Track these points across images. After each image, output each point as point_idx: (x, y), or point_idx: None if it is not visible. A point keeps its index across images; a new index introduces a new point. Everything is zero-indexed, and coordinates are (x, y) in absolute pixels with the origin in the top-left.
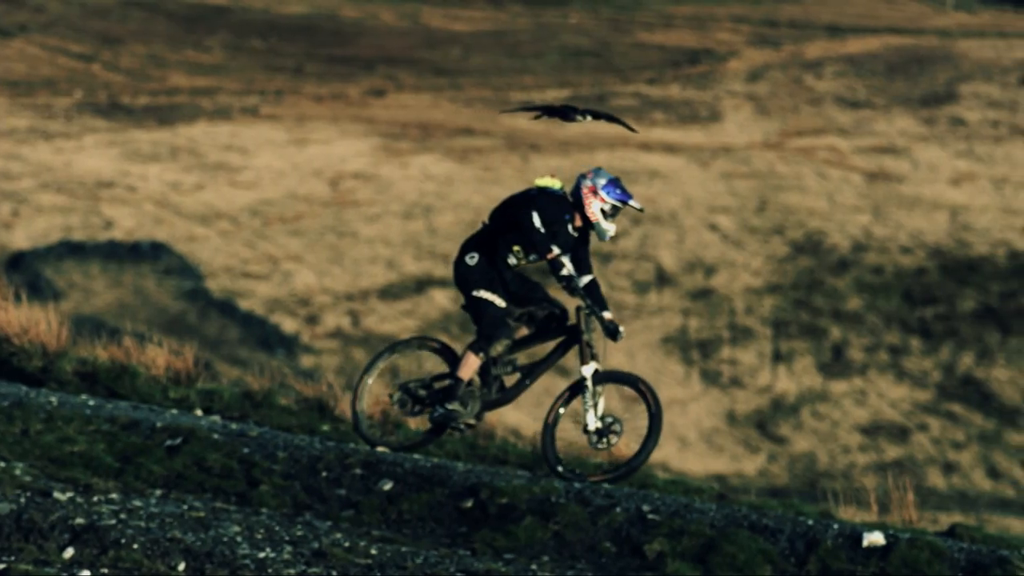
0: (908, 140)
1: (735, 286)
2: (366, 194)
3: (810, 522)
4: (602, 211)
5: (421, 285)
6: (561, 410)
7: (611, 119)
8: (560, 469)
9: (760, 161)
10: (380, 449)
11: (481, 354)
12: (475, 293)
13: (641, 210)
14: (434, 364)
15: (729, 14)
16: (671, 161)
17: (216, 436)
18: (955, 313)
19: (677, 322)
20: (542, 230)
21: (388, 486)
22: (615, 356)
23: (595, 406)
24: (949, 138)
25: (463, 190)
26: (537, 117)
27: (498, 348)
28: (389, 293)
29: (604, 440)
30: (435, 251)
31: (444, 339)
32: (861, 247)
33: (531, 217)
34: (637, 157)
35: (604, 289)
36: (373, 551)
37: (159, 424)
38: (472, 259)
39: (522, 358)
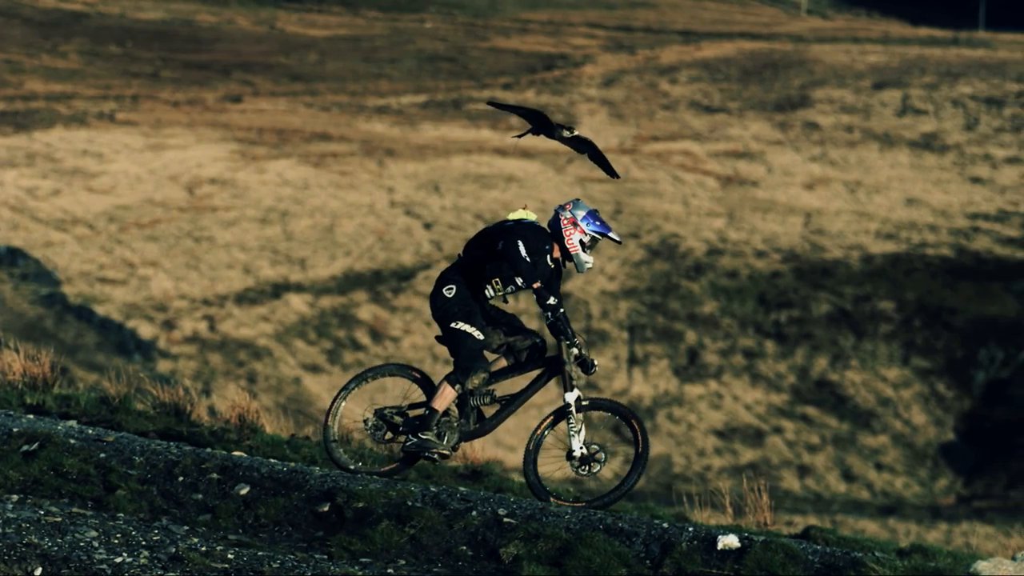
0: (762, 145)
1: (591, 290)
2: (223, 199)
3: (665, 525)
4: (581, 243)
5: (278, 290)
6: (543, 436)
7: (593, 150)
8: (548, 491)
9: (616, 166)
10: (352, 468)
11: (458, 386)
12: (453, 325)
13: (620, 242)
14: (406, 391)
15: (584, 20)
16: (527, 166)
17: (73, 441)
18: (809, 317)
19: (533, 326)
20: (528, 259)
21: (245, 491)
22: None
23: (579, 432)
24: (803, 143)
25: (320, 195)
26: (521, 136)
27: (475, 381)
28: (246, 298)
29: (587, 467)
30: (292, 256)
31: (423, 368)
32: (716, 251)
33: (517, 247)
34: (493, 162)
35: None
36: (230, 555)
37: (15, 430)
38: (450, 291)
39: (500, 389)
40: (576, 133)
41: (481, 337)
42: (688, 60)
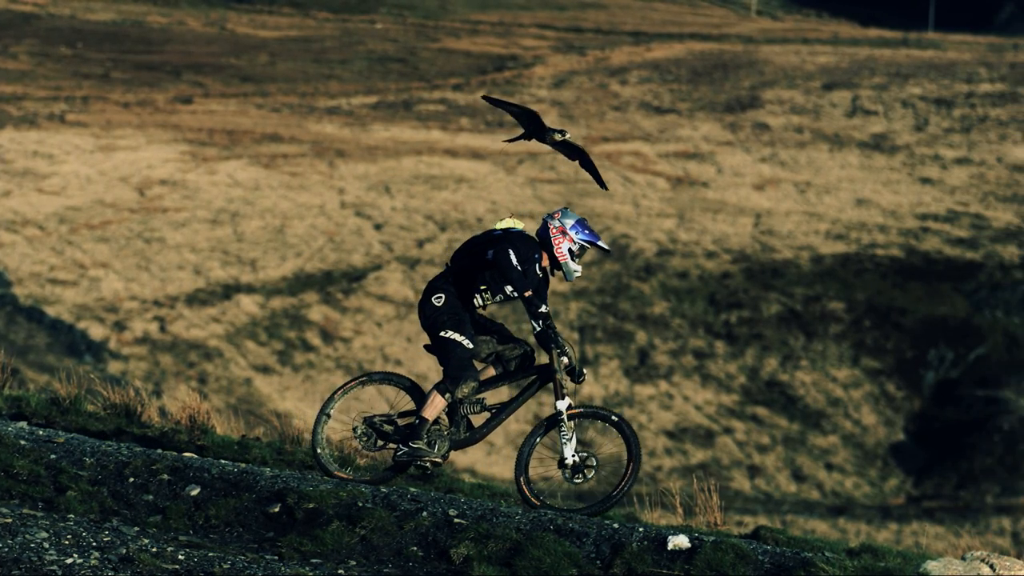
0: (712, 145)
1: None
2: (173, 200)
3: (615, 525)
4: (570, 251)
5: (228, 291)
6: (535, 444)
7: (584, 158)
8: (538, 498)
9: (566, 166)
10: (340, 475)
11: (448, 395)
12: (442, 334)
13: (608, 251)
14: (395, 399)
15: (534, 21)
16: (477, 167)
17: (23, 442)
18: (759, 317)
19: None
20: (519, 268)
21: (195, 491)
22: (423, 360)
23: (570, 440)
24: (753, 143)
25: (270, 196)
26: (512, 140)
27: (464, 390)
28: (196, 299)
29: (580, 475)
30: (242, 257)
31: (411, 377)
32: (666, 252)
33: (509, 255)
34: (444, 162)
35: (410, 295)
36: (180, 556)
37: None
38: (439, 300)
39: (490, 397)
40: (567, 137)
41: (470, 346)
42: (638, 61)
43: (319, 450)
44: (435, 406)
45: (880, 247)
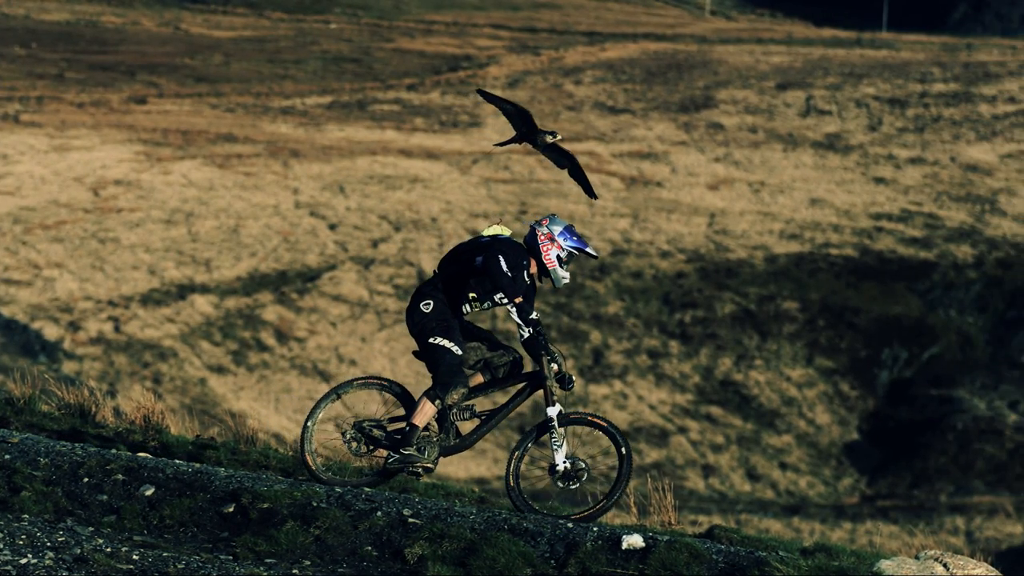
0: (667, 145)
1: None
2: (128, 200)
3: (570, 525)
4: (559, 258)
5: (183, 291)
6: (526, 451)
7: (575, 165)
8: (529, 504)
9: (520, 166)
10: (327, 479)
11: (437, 401)
12: (432, 340)
13: (596, 257)
14: (377, 404)
15: (489, 21)
16: (432, 166)
17: None
18: (714, 317)
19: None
20: (510, 275)
21: (150, 491)
22: (378, 359)
23: (562, 447)
24: (707, 143)
25: (225, 196)
26: (504, 144)
27: (454, 396)
28: (151, 299)
29: (570, 482)
30: (197, 257)
31: (401, 383)
32: (620, 251)
33: (499, 262)
34: (398, 163)
35: (365, 295)
36: (135, 556)
37: None
38: (427, 306)
39: (480, 404)
40: (559, 139)
41: (460, 352)
42: (592, 61)
43: (309, 458)
44: (425, 412)
45: (834, 247)
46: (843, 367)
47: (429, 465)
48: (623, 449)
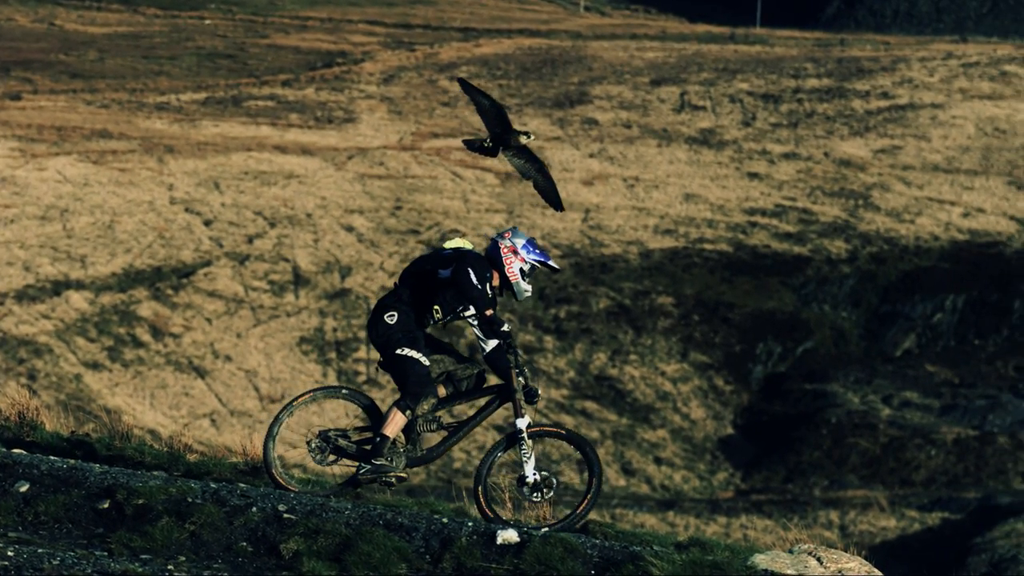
0: (541, 141)
1: (371, 286)
2: (2, 197)
3: (445, 520)
4: (521, 271)
5: (58, 287)
6: (495, 461)
7: (544, 172)
8: (496, 514)
9: (395, 162)
10: (294, 489)
11: (408, 412)
12: (399, 351)
13: (558, 270)
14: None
15: (364, 17)
16: (307, 162)
17: None
18: (588, 312)
19: (314, 322)
20: (479, 286)
21: (24, 488)
22: (253, 355)
23: (531, 459)
24: (582, 139)
25: (100, 192)
26: (473, 147)
27: (424, 406)
28: (26, 295)
29: (538, 493)
30: (72, 253)
31: (371, 394)
32: None
33: (468, 275)
34: (273, 158)
35: (240, 291)
36: (10, 553)
37: None
38: (392, 318)
39: (446, 416)
40: (532, 139)
41: (427, 363)
42: (467, 57)
43: (273, 468)
44: (396, 423)
45: (708, 242)
46: (717, 362)
47: (402, 475)
48: (592, 459)
